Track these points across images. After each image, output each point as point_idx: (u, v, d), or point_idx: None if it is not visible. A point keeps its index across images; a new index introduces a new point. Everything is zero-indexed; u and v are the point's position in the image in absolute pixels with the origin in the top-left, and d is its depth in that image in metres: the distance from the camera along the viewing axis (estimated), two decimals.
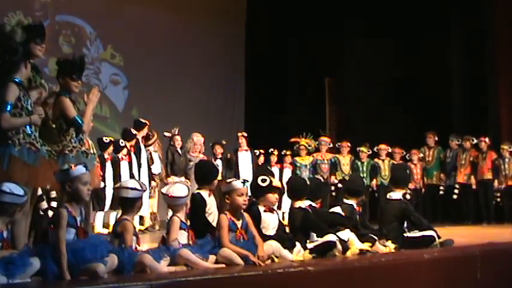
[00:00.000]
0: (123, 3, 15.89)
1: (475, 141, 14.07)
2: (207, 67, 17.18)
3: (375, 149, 14.51)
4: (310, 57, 17.43)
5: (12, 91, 5.28)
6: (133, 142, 11.27)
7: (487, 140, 13.97)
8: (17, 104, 5.32)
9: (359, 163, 14.29)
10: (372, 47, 16.87)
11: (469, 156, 14.10)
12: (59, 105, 5.72)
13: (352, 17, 17.55)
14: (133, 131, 11.34)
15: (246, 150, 13.25)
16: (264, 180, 6.28)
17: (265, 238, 6.00)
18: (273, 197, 6.26)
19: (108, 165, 10.71)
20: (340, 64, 17.92)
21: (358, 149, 14.43)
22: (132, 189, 5.35)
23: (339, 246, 6.32)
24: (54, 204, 7.53)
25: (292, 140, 14.32)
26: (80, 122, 5.78)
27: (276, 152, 14.00)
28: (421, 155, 14.69)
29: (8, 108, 5.26)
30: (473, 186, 13.92)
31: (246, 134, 13.65)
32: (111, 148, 10.90)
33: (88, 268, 4.59)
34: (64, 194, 4.99)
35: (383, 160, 14.34)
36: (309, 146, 14.10)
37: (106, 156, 10.72)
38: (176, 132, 12.20)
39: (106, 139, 10.97)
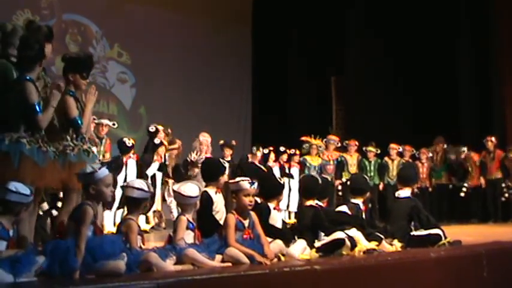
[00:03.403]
0: (129, 2, 15.92)
1: (466, 151, 14.13)
2: (214, 65, 17.20)
3: (383, 151, 14.41)
4: (316, 56, 17.42)
5: (32, 90, 5.32)
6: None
7: (493, 139, 13.96)
8: None
9: (366, 162, 14.17)
10: (379, 46, 16.86)
11: (473, 162, 14.11)
12: (62, 104, 5.69)
13: (359, 16, 17.56)
14: (156, 141, 11.35)
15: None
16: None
17: (273, 230, 6.03)
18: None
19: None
20: (346, 63, 17.92)
21: (365, 148, 14.31)
22: (138, 189, 5.35)
23: (348, 243, 6.33)
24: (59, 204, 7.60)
25: (303, 138, 14.14)
26: (80, 122, 5.75)
27: (288, 151, 13.87)
28: (430, 154, 14.64)
29: (38, 109, 5.32)
30: (483, 186, 13.94)
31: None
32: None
33: (108, 266, 4.61)
34: (86, 194, 5.03)
35: (392, 160, 14.22)
36: (320, 147, 13.89)
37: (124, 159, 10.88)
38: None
39: (129, 143, 11.02)
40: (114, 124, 11.12)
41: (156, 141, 11.27)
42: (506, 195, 13.74)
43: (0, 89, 5.40)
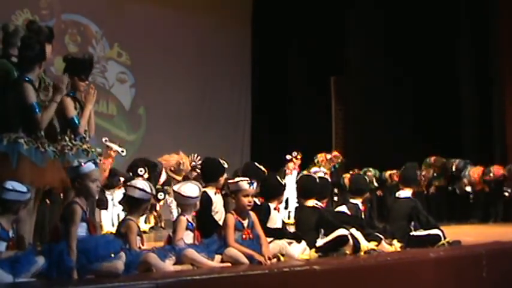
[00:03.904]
0: (129, 2, 15.90)
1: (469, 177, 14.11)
2: (214, 66, 17.19)
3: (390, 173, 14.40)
4: (316, 56, 17.42)
5: (30, 91, 5.31)
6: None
7: (491, 175, 13.95)
8: None
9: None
10: (379, 46, 16.86)
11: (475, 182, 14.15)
12: (60, 104, 5.66)
13: (359, 16, 17.57)
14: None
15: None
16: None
17: (271, 231, 6.02)
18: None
19: None
20: (346, 63, 17.92)
21: (364, 171, 14.23)
22: (139, 189, 5.34)
23: (351, 241, 6.33)
24: None
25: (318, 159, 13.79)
26: (77, 122, 5.75)
27: (294, 159, 13.47)
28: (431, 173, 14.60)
29: (37, 109, 5.31)
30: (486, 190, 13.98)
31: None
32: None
33: (105, 266, 4.62)
34: (74, 189, 5.02)
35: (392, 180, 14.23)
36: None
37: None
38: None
39: (141, 171, 10.92)
40: (122, 151, 11.02)
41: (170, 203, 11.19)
42: (507, 193, 13.75)
43: (0, 89, 5.40)
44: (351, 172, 14.14)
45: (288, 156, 13.57)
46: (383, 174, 14.35)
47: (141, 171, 10.91)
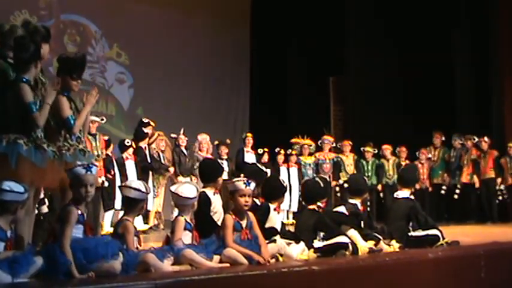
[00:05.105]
0: (129, 2, 15.89)
1: (476, 140, 14.02)
2: (213, 66, 17.18)
3: (379, 151, 14.45)
4: (314, 56, 17.40)
5: (27, 91, 5.31)
6: (146, 141, 11.47)
7: (486, 139, 13.92)
8: None
9: (364, 162, 14.19)
10: (379, 46, 16.84)
11: (471, 155, 14.06)
12: (55, 104, 5.63)
13: (359, 16, 17.57)
14: (146, 130, 11.48)
15: (252, 152, 13.30)
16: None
17: (270, 232, 6.03)
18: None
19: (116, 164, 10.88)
20: (346, 63, 17.90)
21: (362, 148, 14.33)
22: (134, 189, 5.35)
23: (350, 249, 6.34)
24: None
25: (293, 140, 14.28)
26: (71, 122, 5.69)
27: (282, 152, 13.81)
28: (429, 155, 14.60)
29: (34, 109, 5.31)
30: (476, 185, 13.87)
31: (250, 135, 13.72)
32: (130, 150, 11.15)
33: (103, 266, 4.64)
34: (72, 192, 5.05)
35: (388, 160, 14.27)
36: (310, 146, 14.03)
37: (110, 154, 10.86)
38: (182, 133, 12.27)
39: (128, 142, 11.07)
40: (102, 119, 11.05)
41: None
42: (500, 197, 13.70)
43: None
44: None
45: (277, 149, 13.85)
46: (381, 162, 14.37)
47: (127, 142, 11.22)
